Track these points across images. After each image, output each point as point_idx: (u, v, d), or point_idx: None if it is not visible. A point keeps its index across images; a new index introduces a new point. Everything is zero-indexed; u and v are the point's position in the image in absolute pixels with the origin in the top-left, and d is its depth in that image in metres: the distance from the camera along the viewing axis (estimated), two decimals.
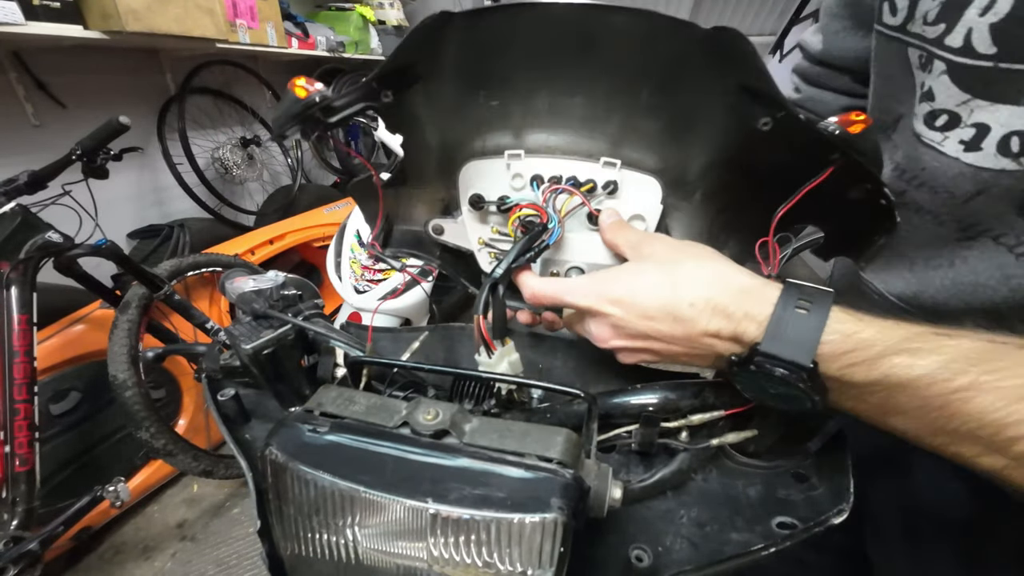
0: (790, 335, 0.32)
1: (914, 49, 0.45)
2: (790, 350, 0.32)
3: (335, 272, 1.65)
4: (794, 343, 0.32)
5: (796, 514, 0.39)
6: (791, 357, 0.31)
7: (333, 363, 0.48)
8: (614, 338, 0.40)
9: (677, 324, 0.36)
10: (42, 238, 1.16)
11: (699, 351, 0.37)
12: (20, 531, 1.08)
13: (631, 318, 0.38)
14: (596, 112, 0.42)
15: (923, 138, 0.46)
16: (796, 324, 0.32)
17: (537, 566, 0.29)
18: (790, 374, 0.31)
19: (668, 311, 0.36)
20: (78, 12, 1.54)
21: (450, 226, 0.53)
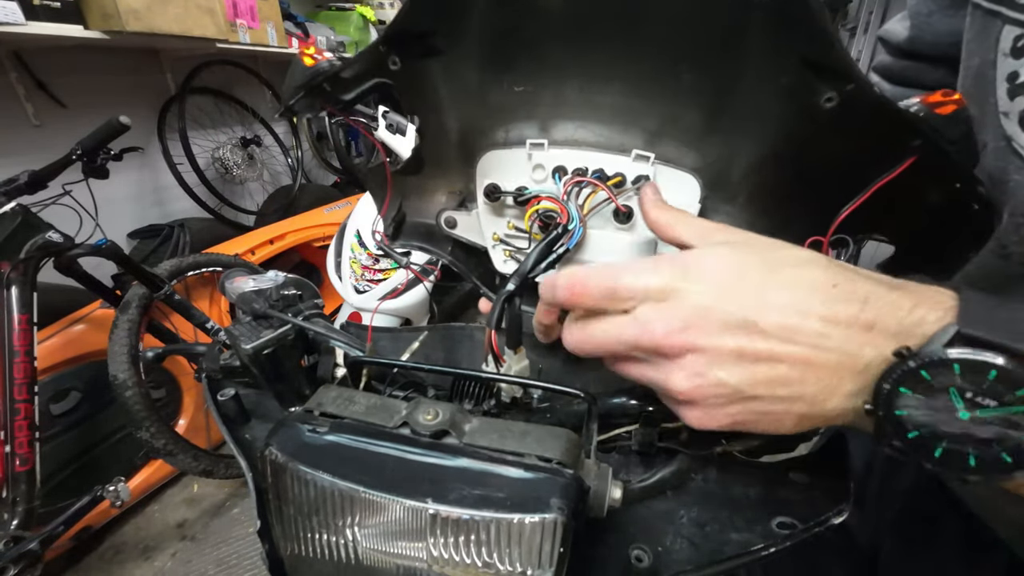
0: (1004, 316, 0.21)
1: (1012, 27, 0.36)
2: (1009, 334, 0.20)
3: (335, 272, 1.65)
4: (1010, 326, 0.21)
5: (796, 514, 0.38)
6: (1017, 344, 0.20)
7: (333, 363, 0.48)
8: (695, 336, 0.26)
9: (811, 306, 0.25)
10: (42, 238, 1.16)
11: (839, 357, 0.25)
12: (20, 531, 1.08)
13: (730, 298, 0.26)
14: (632, 100, 0.37)
15: (1014, 142, 0.35)
16: (1005, 306, 0.22)
17: (537, 566, 0.29)
18: (1018, 368, 0.20)
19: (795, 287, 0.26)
20: (78, 12, 1.54)
21: (463, 219, 0.50)
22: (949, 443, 0.22)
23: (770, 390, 0.26)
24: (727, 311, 0.26)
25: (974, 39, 0.41)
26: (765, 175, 0.38)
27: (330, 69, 0.39)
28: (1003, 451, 0.21)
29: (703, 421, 0.29)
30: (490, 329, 0.37)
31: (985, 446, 0.21)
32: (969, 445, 0.22)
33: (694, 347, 0.27)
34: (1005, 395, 0.20)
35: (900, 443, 0.23)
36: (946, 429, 0.22)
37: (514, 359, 0.40)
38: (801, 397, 0.26)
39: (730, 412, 0.28)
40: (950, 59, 0.49)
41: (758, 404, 0.27)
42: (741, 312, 0.26)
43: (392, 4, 3.22)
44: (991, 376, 0.20)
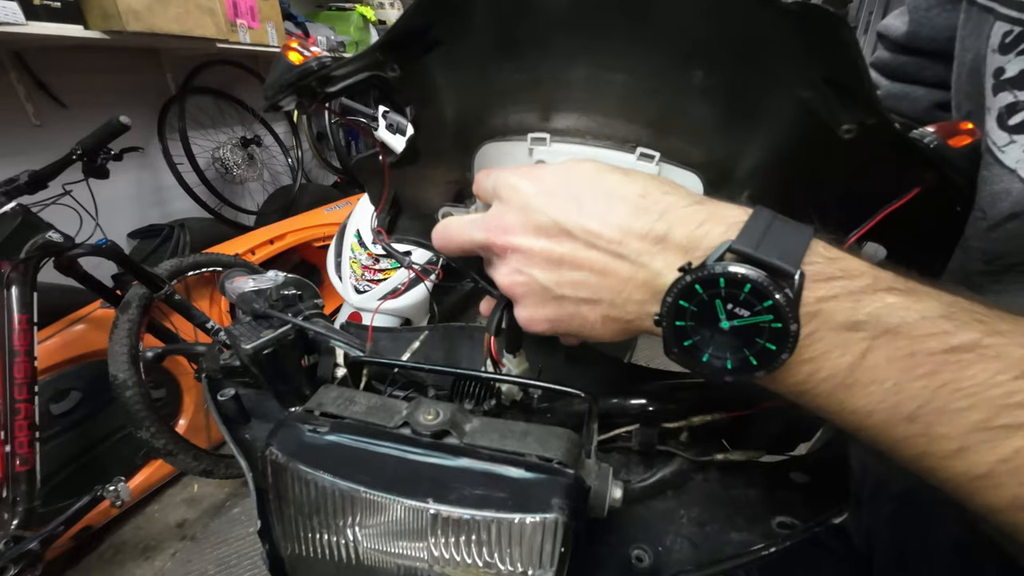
0: (771, 239, 0.24)
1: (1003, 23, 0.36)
2: (770, 252, 0.24)
3: (335, 272, 1.65)
4: (776, 247, 0.24)
5: (796, 514, 0.39)
6: (772, 259, 0.23)
7: (333, 363, 0.48)
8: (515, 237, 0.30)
9: (613, 215, 0.28)
10: (43, 238, 1.16)
11: (632, 266, 0.28)
12: (21, 530, 1.08)
13: (550, 203, 0.29)
14: (639, 92, 0.36)
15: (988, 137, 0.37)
16: (778, 230, 0.25)
17: (538, 566, 0.29)
18: (766, 283, 0.23)
19: (607, 197, 0.29)
20: (79, 12, 1.54)
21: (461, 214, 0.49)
22: (713, 350, 0.26)
23: (574, 291, 0.30)
24: (545, 214, 0.29)
25: (969, 35, 0.42)
26: (769, 178, 0.38)
27: (319, 70, 0.38)
28: (751, 355, 0.25)
29: (526, 319, 0.33)
30: (489, 335, 0.37)
31: (738, 351, 0.25)
32: (727, 351, 0.25)
33: (514, 247, 0.30)
34: (755, 306, 0.24)
35: (677, 351, 0.26)
36: (711, 337, 0.25)
37: (514, 363, 0.40)
38: (600, 301, 0.29)
39: (546, 313, 0.31)
40: (948, 54, 0.48)
41: (567, 305, 0.30)
42: (555, 216, 0.29)
43: (392, 4, 3.22)
44: (746, 289, 0.24)
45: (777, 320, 0.23)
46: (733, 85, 0.33)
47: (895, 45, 0.56)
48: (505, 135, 0.42)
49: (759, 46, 0.30)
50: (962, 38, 0.42)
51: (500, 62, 0.37)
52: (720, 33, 0.30)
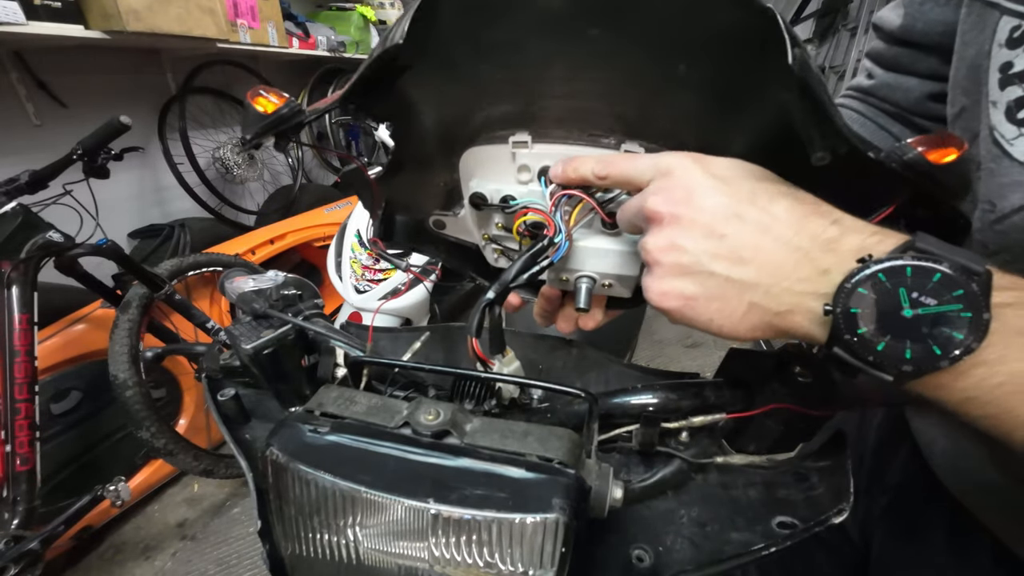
0: (947, 246, 0.25)
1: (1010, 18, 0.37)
2: (954, 252, 0.24)
3: (335, 272, 1.65)
4: (954, 251, 0.24)
5: (796, 514, 0.38)
6: (959, 258, 0.24)
7: (333, 363, 0.48)
8: (683, 208, 0.30)
9: (790, 212, 0.28)
10: (43, 238, 1.16)
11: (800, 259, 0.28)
12: (21, 530, 1.08)
13: (725, 188, 0.29)
14: (620, 88, 0.36)
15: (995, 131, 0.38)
16: (949, 244, 0.25)
17: (539, 566, 0.29)
18: (959, 275, 0.24)
19: (783, 197, 0.29)
20: (79, 12, 1.54)
21: (452, 222, 0.50)
22: (892, 338, 0.25)
23: (728, 269, 0.29)
24: (717, 199, 0.29)
25: (970, 30, 0.42)
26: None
27: (290, 116, 0.39)
28: (935, 344, 0.24)
29: (659, 292, 0.32)
30: (471, 337, 0.37)
31: (920, 340, 0.25)
32: (907, 339, 0.25)
33: (676, 216, 0.30)
34: (944, 295, 0.24)
35: (850, 337, 0.26)
36: (890, 326, 0.25)
37: (503, 361, 0.40)
38: (757, 284, 0.29)
39: (685, 288, 0.31)
40: (941, 48, 0.50)
41: (712, 284, 0.30)
42: (729, 201, 0.29)
43: (392, 3, 3.22)
44: (935, 278, 0.24)
45: (967, 309, 0.24)
46: (715, 78, 0.33)
47: (890, 37, 0.57)
48: (487, 139, 0.42)
49: (740, 43, 0.30)
50: (963, 33, 0.43)
51: (474, 66, 0.36)
52: (700, 30, 0.30)
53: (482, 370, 0.39)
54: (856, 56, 3.23)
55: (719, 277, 0.29)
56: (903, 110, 0.58)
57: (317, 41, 2.67)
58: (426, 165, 0.46)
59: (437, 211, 0.49)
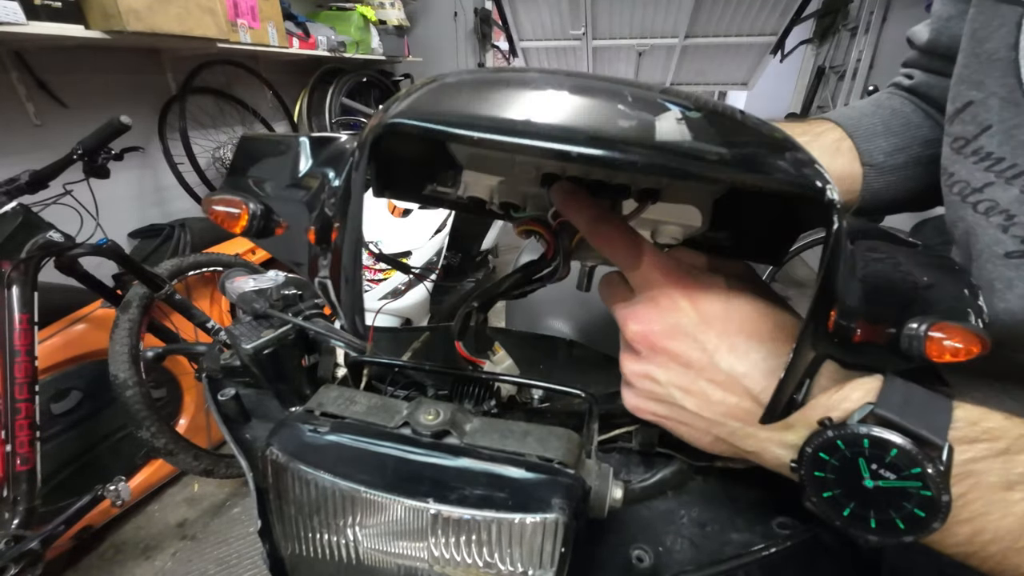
0: (914, 406, 0.24)
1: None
2: (916, 422, 0.23)
3: None
4: (920, 415, 0.23)
5: (796, 514, 0.38)
6: (919, 430, 0.23)
7: (333, 363, 0.48)
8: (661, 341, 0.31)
9: (763, 364, 0.28)
10: (43, 237, 1.16)
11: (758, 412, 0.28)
12: (21, 530, 1.08)
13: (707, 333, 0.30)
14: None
15: None
16: (918, 397, 0.24)
17: (538, 566, 0.29)
18: (915, 451, 0.23)
19: (760, 344, 0.29)
20: (79, 12, 1.54)
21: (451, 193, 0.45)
22: (855, 506, 0.25)
23: (698, 408, 0.31)
24: (698, 340, 0.30)
25: (983, 27, 0.42)
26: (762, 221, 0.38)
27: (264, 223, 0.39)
28: (898, 518, 0.24)
29: (633, 406, 0.34)
30: (456, 341, 0.38)
31: (883, 512, 0.24)
32: (871, 509, 0.25)
33: (658, 351, 0.32)
34: (903, 470, 0.23)
35: (816, 500, 0.27)
36: (854, 494, 0.25)
37: (496, 359, 0.40)
38: (724, 425, 0.31)
39: (657, 410, 0.33)
40: None
41: (684, 414, 0.32)
42: (709, 346, 0.30)
43: (393, 3, 3.22)
44: (892, 453, 0.23)
45: (926, 488, 0.23)
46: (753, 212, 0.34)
47: (920, 49, 0.59)
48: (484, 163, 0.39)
49: None
50: (973, 31, 0.43)
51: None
52: None
53: (480, 371, 0.39)
54: (856, 56, 3.22)
55: (689, 411, 0.31)
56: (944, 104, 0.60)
57: (317, 41, 2.67)
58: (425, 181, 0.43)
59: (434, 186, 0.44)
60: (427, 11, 3.85)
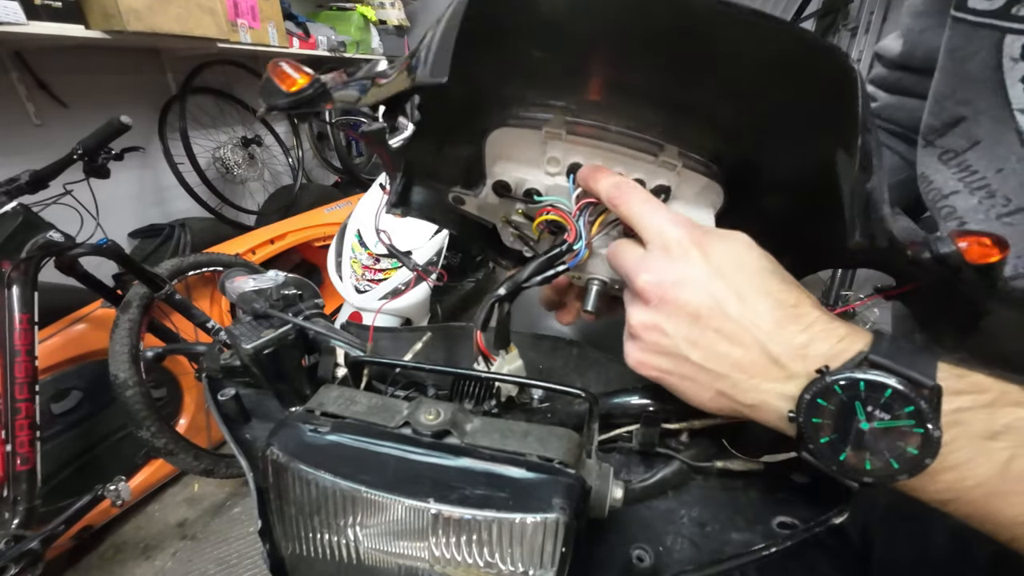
0: (903, 354, 0.26)
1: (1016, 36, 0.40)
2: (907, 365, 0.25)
3: (336, 272, 1.65)
4: (909, 361, 0.25)
5: (797, 514, 0.38)
6: (910, 371, 0.25)
7: (334, 363, 0.48)
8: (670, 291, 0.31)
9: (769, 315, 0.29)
10: (43, 237, 1.16)
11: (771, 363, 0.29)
12: (21, 530, 1.08)
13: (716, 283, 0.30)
14: (671, 90, 0.35)
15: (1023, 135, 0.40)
16: (907, 348, 0.26)
17: (539, 566, 0.29)
18: (908, 389, 0.24)
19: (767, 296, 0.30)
20: (80, 12, 1.55)
21: (472, 200, 0.48)
22: (851, 449, 0.26)
23: (704, 359, 0.31)
24: (708, 290, 0.31)
25: (961, 47, 0.45)
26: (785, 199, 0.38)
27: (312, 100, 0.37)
28: (892, 457, 0.25)
29: (637, 361, 0.34)
30: (477, 330, 0.37)
31: (878, 453, 0.26)
32: (867, 452, 0.26)
33: (666, 302, 0.32)
34: (896, 410, 0.25)
35: (814, 447, 0.27)
36: (850, 437, 0.26)
37: (507, 359, 0.40)
38: (727, 378, 0.31)
39: (663, 364, 0.33)
40: None
41: (687, 367, 0.32)
42: (719, 295, 0.30)
43: (393, 3, 3.22)
44: (887, 394, 0.25)
45: (919, 425, 0.24)
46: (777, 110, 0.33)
47: (891, 64, 0.60)
48: (518, 120, 0.40)
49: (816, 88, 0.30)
50: (950, 51, 0.46)
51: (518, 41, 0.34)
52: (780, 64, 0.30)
53: (483, 368, 0.39)
54: (856, 56, 3.22)
55: (694, 364, 0.32)
56: (907, 129, 0.61)
57: (317, 41, 2.67)
58: (451, 136, 0.43)
59: (458, 188, 0.46)
60: (427, 11, 3.85)
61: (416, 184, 0.49)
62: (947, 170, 0.48)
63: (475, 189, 0.45)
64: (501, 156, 0.42)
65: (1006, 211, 0.43)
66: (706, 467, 0.41)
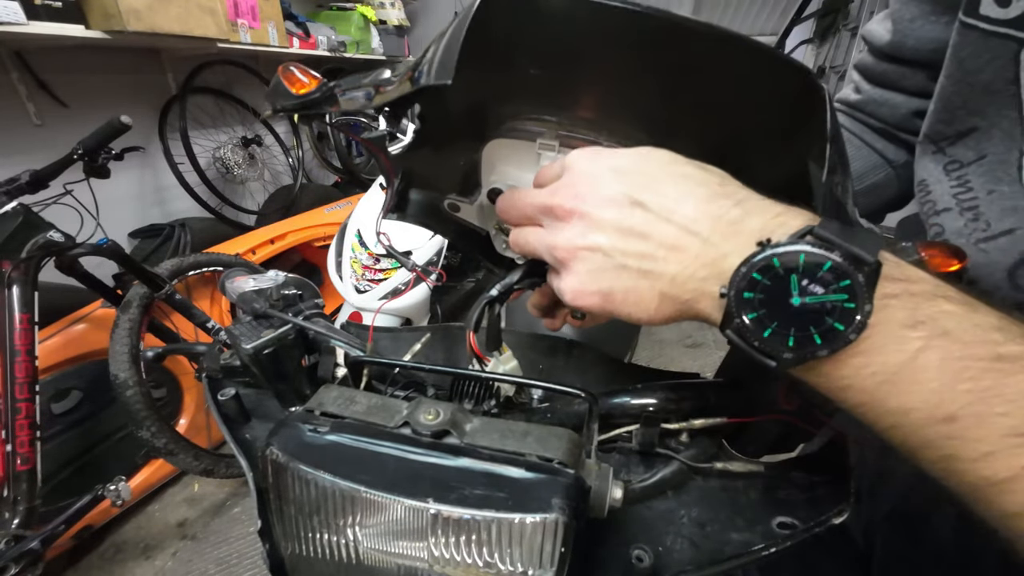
0: (848, 232, 0.25)
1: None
2: (851, 240, 0.24)
3: (336, 271, 1.65)
4: (855, 237, 0.25)
5: (796, 514, 0.39)
6: (853, 248, 0.24)
7: (334, 363, 0.48)
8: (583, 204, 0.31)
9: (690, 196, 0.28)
10: (44, 237, 1.16)
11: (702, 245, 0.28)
12: (21, 530, 1.08)
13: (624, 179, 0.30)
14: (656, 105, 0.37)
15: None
16: (852, 230, 0.26)
17: (538, 566, 0.29)
18: (847, 263, 0.24)
19: (684, 179, 0.29)
20: (80, 12, 1.55)
21: (467, 207, 0.49)
22: (778, 325, 0.26)
23: (637, 263, 0.30)
24: (617, 188, 0.30)
25: (974, 56, 0.42)
26: None
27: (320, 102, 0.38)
28: (816, 333, 0.25)
29: (576, 289, 0.32)
30: (470, 331, 0.38)
31: (803, 329, 0.25)
32: (792, 327, 0.25)
33: (581, 212, 0.31)
34: (831, 284, 0.24)
35: (740, 321, 0.26)
36: (778, 313, 0.26)
37: (501, 359, 0.40)
38: (663, 274, 0.29)
39: (601, 284, 0.31)
40: (932, 64, 0.50)
41: (625, 276, 0.30)
42: (629, 190, 0.30)
43: (393, 3, 3.22)
44: (825, 267, 0.24)
45: (851, 300, 0.24)
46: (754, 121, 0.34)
47: (878, 51, 0.57)
48: (514, 133, 0.41)
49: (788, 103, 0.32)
50: (961, 59, 0.43)
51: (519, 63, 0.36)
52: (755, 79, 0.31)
53: (480, 368, 0.39)
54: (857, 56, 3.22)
55: (631, 270, 0.30)
56: (889, 126, 0.59)
57: (318, 41, 2.67)
58: (449, 145, 0.45)
59: (454, 195, 0.48)
60: (427, 11, 3.85)
61: (413, 190, 0.50)
62: (947, 182, 0.46)
63: (470, 196, 0.47)
64: (497, 166, 0.43)
65: (984, 236, 0.42)
66: (706, 467, 0.41)
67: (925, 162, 0.49)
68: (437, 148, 0.44)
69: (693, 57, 0.31)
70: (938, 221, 0.46)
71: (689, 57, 0.31)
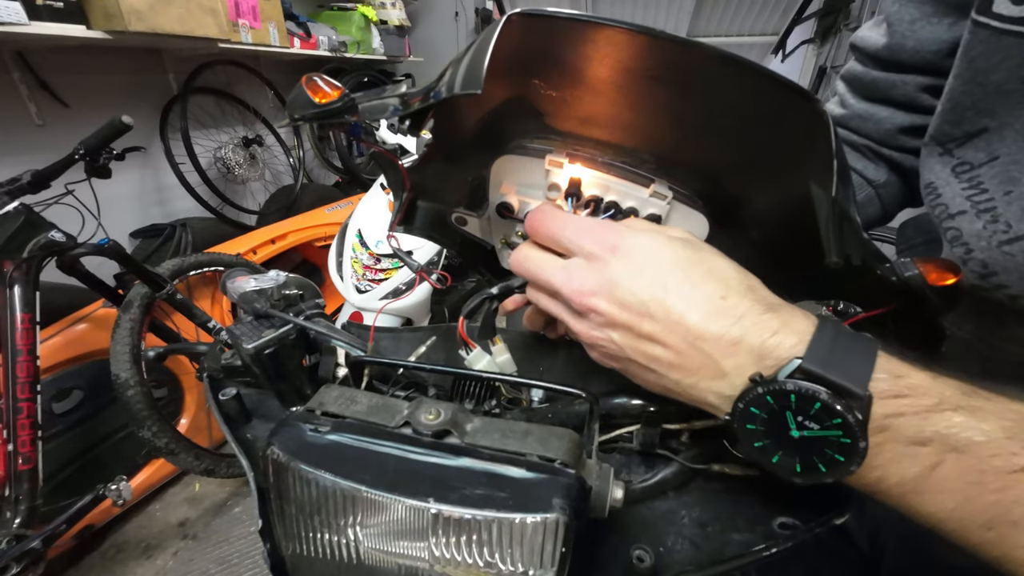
0: (839, 356, 0.25)
1: None
2: (840, 373, 0.25)
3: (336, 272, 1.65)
4: (844, 367, 0.25)
5: (798, 515, 0.38)
6: (842, 381, 0.24)
7: (335, 363, 0.48)
8: (599, 302, 0.32)
9: (695, 310, 0.29)
10: (45, 237, 1.17)
11: (704, 360, 0.29)
12: (23, 529, 1.09)
13: (637, 282, 0.31)
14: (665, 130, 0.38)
15: None
16: (845, 346, 0.26)
17: (539, 566, 0.29)
18: (836, 403, 0.24)
19: (692, 289, 0.30)
20: (81, 12, 1.55)
21: (473, 220, 0.50)
22: (783, 454, 0.28)
23: (646, 362, 0.32)
24: (631, 291, 0.31)
25: (987, 55, 0.41)
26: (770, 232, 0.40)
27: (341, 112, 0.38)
28: (820, 462, 0.27)
29: (597, 359, 0.36)
30: (462, 317, 0.39)
31: (807, 458, 0.27)
32: (797, 456, 0.27)
33: (596, 310, 0.32)
34: (825, 421, 0.25)
35: (748, 449, 0.29)
36: (781, 443, 0.27)
37: (494, 351, 0.41)
38: (667, 377, 0.32)
39: (611, 362, 0.35)
40: (931, 68, 0.50)
41: (634, 367, 0.33)
42: (642, 295, 0.31)
43: (394, 4, 3.23)
44: (816, 407, 0.25)
45: (846, 436, 0.25)
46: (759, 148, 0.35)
47: (872, 58, 0.55)
48: (523, 149, 0.42)
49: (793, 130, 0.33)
50: (972, 58, 0.42)
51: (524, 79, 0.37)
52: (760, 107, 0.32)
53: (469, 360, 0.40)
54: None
55: (640, 364, 0.33)
56: (873, 141, 0.58)
57: (318, 41, 2.67)
58: (459, 159, 0.46)
59: (462, 208, 0.49)
60: (428, 11, 3.85)
61: (421, 203, 0.51)
62: (957, 184, 0.45)
63: (478, 210, 0.48)
64: (505, 181, 0.44)
65: (1006, 238, 0.41)
66: (706, 468, 0.41)
67: (931, 164, 0.48)
68: (448, 163, 0.46)
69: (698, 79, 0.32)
70: (954, 224, 0.45)
71: (694, 78, 0.32)
